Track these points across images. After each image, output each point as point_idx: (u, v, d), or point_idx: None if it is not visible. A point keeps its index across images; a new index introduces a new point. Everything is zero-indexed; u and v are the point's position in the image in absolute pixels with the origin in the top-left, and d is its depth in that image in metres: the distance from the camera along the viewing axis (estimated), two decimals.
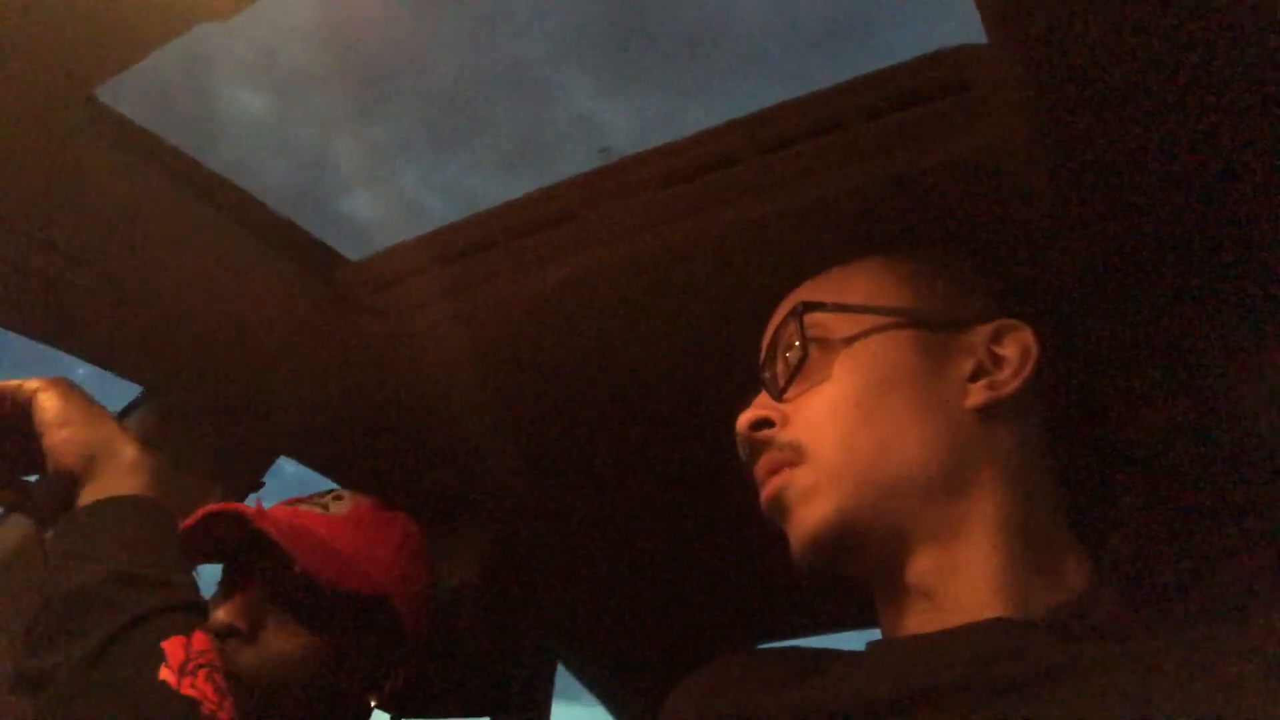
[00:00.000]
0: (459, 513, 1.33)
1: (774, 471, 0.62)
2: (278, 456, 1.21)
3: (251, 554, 0.89)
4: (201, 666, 0.60)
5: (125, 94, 0.78)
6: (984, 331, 0.63)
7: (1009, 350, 0.62)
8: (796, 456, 0.61)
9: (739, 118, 0.81)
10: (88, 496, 0.66)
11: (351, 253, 1.01)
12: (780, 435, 0.62)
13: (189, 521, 0.84)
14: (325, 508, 0.98)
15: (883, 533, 0.58)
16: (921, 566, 0.58)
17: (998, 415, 0.60)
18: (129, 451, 0.69)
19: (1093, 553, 0.58)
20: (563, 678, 1.75)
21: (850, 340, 0.63)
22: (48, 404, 0.68)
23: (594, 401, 1.13)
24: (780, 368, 0.66)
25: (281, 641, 0.86)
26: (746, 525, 1.38)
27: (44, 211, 0.83)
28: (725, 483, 1.19)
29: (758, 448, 0.64)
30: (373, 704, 0.95)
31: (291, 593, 0.87)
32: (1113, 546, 0.58)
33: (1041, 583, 0.55)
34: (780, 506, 0.62)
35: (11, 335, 0.95)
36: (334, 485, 1.32)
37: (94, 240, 0.88)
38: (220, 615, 0.84)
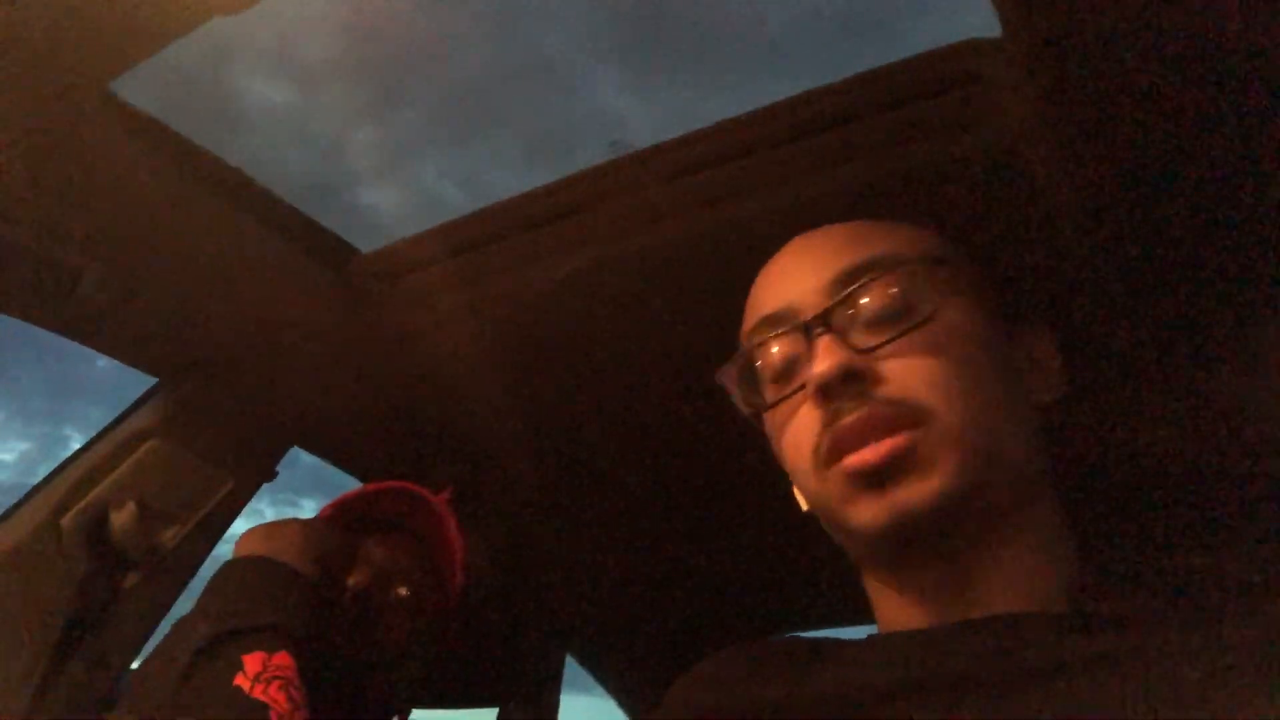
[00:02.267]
0: (470, 504, 1.33)
1: (887, 431, 0.52)
2: (290, 447, 1.22)
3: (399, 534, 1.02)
4: (277, 678, 0.70)
5: (146, 86, 0.79)
6: (1029, 336, 0.62)
7: (1046, 355, 0.61)
8: (916, 418, 0.52)
9: (750, 111, 0.80)
10: None
11: (372, 244, 1.01)
12: (886, 391, 0.53)
13: (372, 487, 1.03)
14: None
15: (978, 513, 0.53)
16: (973, 555, 0.54)
17: (1045, 417, 0.60)
18: (256, 530, 0.88)
19: (1087, 548, 0.57)
20: (572, 670, 1.76)
21: (951, 306, 0.56)
22: None
23: (605, 393, 1.13)
24: (868, 315, 0.56)
25: (389, 618, 0.96)
26: (756, 518, 1.38)
27: (61, 203, 0.84)
28: (735, 476, 1.19)
29: (852, 402, 0.54)
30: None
31: (409, 582, 0.98)
32: (1110, 543, 0.57)
33: (1055, 580, 0.54)
34: (895, 471, 0.52)
35: (32, 328, 0.97)
36: (349, 478, 1.34)
37: (110, 232, 0.89)
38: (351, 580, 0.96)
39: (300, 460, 1.31)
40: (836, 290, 0.57)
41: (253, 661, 0.70)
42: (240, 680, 0.68)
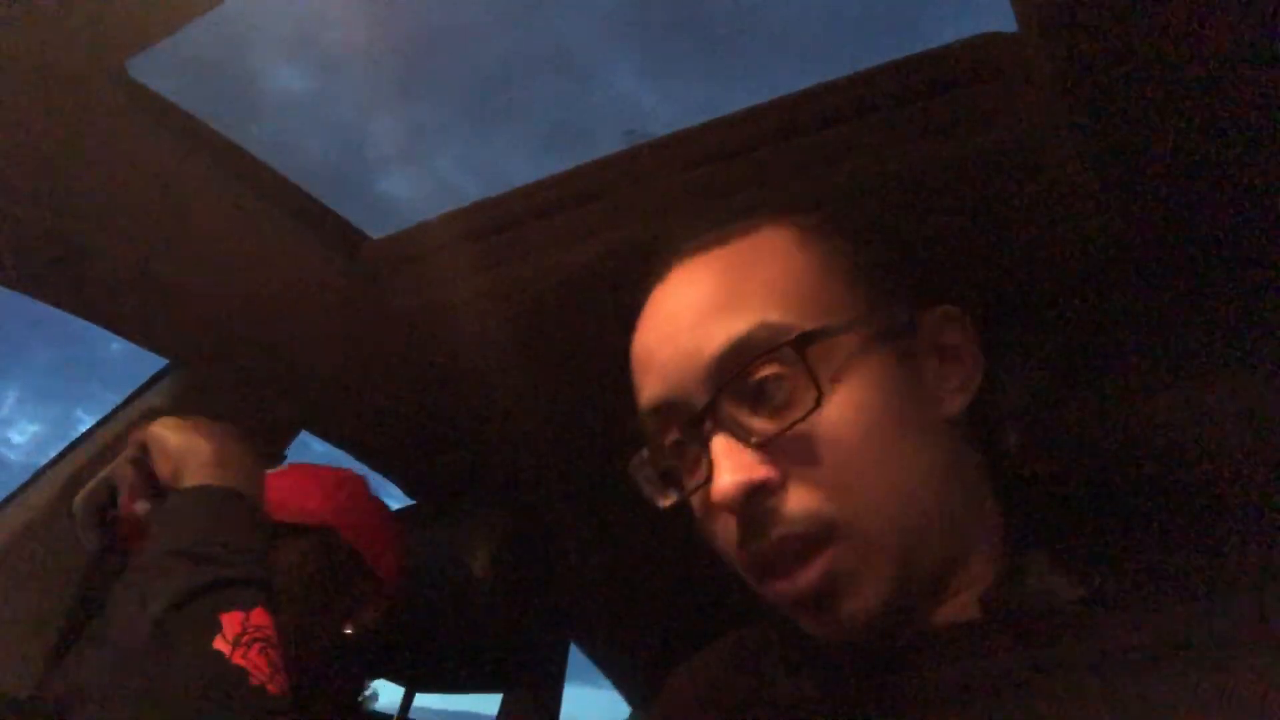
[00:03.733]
0: (477, 491, 1.33)
1: (802, 558, 0.49)
2: (299, 431, 1.23)
3: None
4: (257, 640, 0.65)
5: (168, 69, 0.79)
6: (929, 321, 0.55)
7: (959, 339, 0.55)
8: (828, 534, 0.49)
9: (766, 101, 0.80)
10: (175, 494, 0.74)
11: (386, 233, 1.01)
12: (791, 506, 0.49)
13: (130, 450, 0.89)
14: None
15: (927, 584, 0.51)
16: (937, 591, 0.52)
17: (965, 415, 0.54)
18: (201, 449, 0.76)
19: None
20: (576, 662, 1.76)
21: (840, 369, 0.50)
22: (150, 435, 0.78)
23: (615, 382, 1.13)
24: (754, 398, 0.51)
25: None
26: None
27: (75, 182, 0.85)
28: None
29: (760, 518, 0.50)
30: (348, 631, 0.97)
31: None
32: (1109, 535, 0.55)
33: (991, 576, 0.51)
34: (824, 596, 0.50)
35: (45, 311, 0.97)
36: (357, 464, 1.34)
37: (124, 212, 0.89)
38: None
39: (311, 447, 1.32)
40: (716, 377, 0.51)
41: (231, 622, 0.64)
42: (220, 644, 0.62)
